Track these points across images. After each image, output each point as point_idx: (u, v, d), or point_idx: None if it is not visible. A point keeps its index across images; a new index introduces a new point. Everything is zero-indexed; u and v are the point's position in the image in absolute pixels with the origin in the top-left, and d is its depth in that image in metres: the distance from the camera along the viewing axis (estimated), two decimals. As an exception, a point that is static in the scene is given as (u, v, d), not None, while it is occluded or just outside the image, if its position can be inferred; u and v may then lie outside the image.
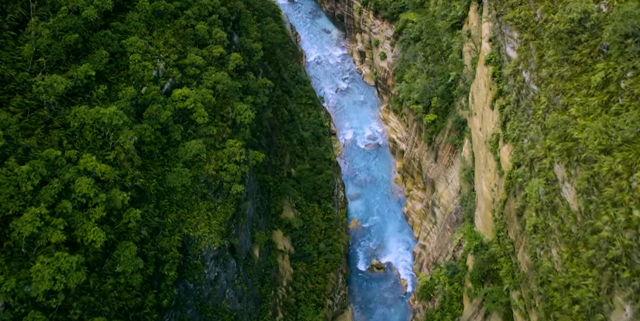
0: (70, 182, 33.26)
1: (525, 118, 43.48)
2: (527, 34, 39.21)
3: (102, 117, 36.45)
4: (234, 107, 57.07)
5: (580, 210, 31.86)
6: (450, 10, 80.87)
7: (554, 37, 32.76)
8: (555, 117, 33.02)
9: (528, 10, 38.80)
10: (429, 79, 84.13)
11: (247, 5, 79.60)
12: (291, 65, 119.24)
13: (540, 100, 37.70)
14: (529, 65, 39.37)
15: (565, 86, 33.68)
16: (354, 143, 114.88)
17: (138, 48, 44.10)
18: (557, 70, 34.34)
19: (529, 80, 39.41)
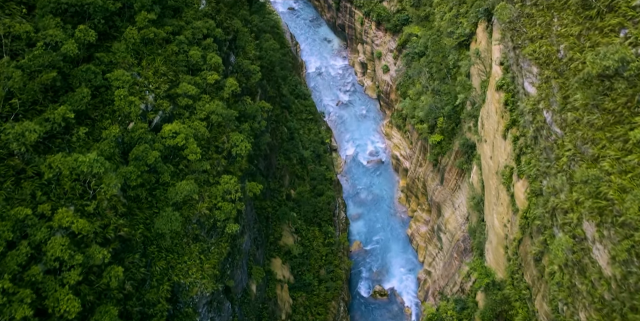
0: (43, 242, 29.71)
1: (545, 159, 39.95)
2: (548, 71, 35.69)
3: (80, 165, 32.90)
4: (229, 137, 53.53)
5: (615, 278, 28.31)
6: (457, 27, 77.40)
7: (584, 83, 29.26)
8: (586, 171, 29.46)
9: (550, 46, 35.29)
10: (435, 97, 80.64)
11: (245, 22, 76.12)
12: (291, 78, 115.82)
13: (564, 146, 34.18)
14: (551, 105, 35.85)
15: (596, 135, 30.17)
16: (355, 159, 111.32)
17: (124, 82, 40.57)
18: (586, 116, 30.80)
19: (551, 122, 35.89)
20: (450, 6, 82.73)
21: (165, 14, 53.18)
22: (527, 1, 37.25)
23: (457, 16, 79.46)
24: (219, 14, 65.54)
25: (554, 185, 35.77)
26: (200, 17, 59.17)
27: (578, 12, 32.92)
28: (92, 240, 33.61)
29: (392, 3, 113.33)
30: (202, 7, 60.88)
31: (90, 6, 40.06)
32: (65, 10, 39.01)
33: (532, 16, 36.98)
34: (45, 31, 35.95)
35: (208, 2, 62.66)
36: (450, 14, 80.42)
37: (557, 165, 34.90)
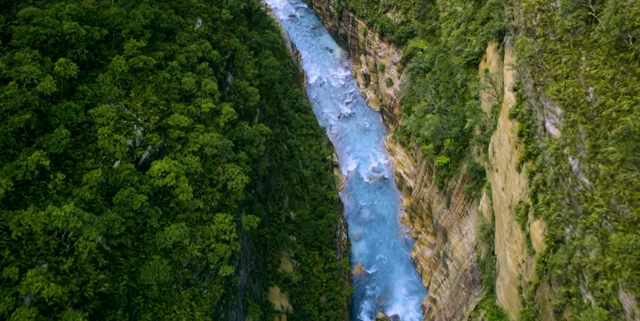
0: (7, 314, 26.23)
1: (567, 205, 36.44)
2: (575, 115, 32.21)
3: (55, 220, 29.44)
4: (224, 168, 50.07)
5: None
6: (465, 45, 73.92)
7: (622, 139, 25.79)
8: (624, 237, 25.98)
9: (577, 87, 31.81)
10: (442, 117, 77.14)
11: (244, 38, 72.73)
12: (291, 91, 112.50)
13: (594, 200, 30.68)
14: (578, 152, 32.37)
15: (635, 195, 26.69)
16: (357, 175, 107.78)
17: (109, 118, 37.11)
18: (623, 173, 27.33)
19: (578, 171, 32.40)
20: (458, 22, 79.28)
21: (158, 36, 49.81)
22: (550, 35, 33.87)
23: (465, 33, 76.02)
24: (216, 33, 62.20)
25: (581, 241, 32.25)
26: (195, 39, 55.82)
27: (611, 53, 29.47)
28: (67, 302, 30.13)
29: (397, 14, 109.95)
30: (197, 27, 57.52)
31: (73, 36, 36.60)
32: (44, 41, 35.55)
33: (556, 53, 33.56)
34: (19, 67, 32.50)
35: (204, 22, 59.30)
36: (458, 31, 76.96)
37: (586, 220, 31.38)
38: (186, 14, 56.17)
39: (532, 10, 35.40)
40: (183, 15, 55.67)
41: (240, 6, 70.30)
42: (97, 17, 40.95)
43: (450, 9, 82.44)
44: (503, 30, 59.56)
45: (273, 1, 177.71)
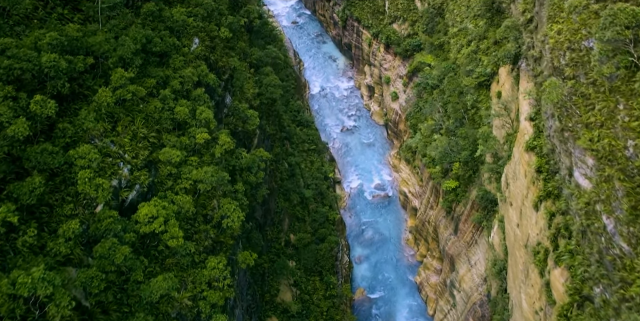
0: None
1: (597, 262, 32.83)
2: (610, 169, 28.60)
3: (20, 288, 25.93)
4: (220, 202, 46.56)
5: None
6: (476, 65, 70.32)
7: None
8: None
9: (614, 139, 28.21)
10: (450, 139, 73.54)
11: (244, 55, 69.18)
12: (293, 103, 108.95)
13: (635, 268, 27.11)
14: (614, 212, 28.76)
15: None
16: (360, 192, 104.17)
17: (91, 160, 33.55)
18: (672, 248, 23.76)
19: (614, 232, 28.79)
20: (469, 39, 75.68)
21: (150, 61, 46.29)
22: (581, 77, 30.32)
23: (476, 52, 72.42)
24: (214, 52, 58.69)
25: (617, 312, 28.64)
26: (191, 60, 52.29)
27: (656, 105, 25.88)
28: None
29: (403, 26, 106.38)
30: (194, 48, 54.00)
31: (52, 69, 33.08)
32: (18, 76, 32.05)
33: (589, 97, 30.00)
34: (-13, 108, 29.00)
35: (201, 41, 55.78)
36: (468, 49, 73.35)
37: (624, 291, 27.75)
38: (182, 34, 52.65)
39: (560, 47, 31.87)
40: (179, 35, 52.13)
41: (240, 22, 66.72)
42: (82, 45, 37.43)
43: (460, 25, 78.88)
44: (518, 54, 55.98)
45: (276, 7, 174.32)
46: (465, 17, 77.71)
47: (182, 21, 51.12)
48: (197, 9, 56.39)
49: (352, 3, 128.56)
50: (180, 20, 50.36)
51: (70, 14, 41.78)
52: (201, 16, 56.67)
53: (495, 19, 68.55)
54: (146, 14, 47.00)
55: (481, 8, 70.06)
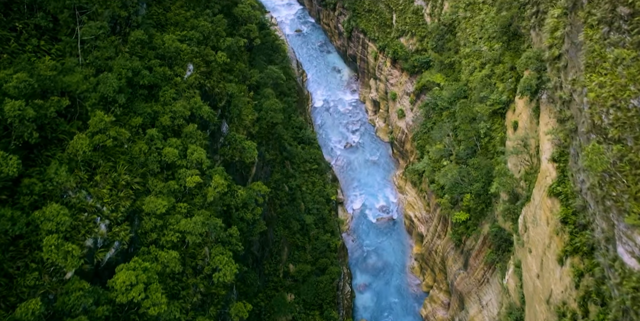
0: None
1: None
2: (667, 255, 24.16)
3: None
4: (211, 250, 42.22)
5: None
6: (490, 91, 65.91)
7: None
8: None
9: (673, 221, 23.78)
10: (461, 168, 69.07)
11: (243, 78, 64.88)
12: (295, 119, 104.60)
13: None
14: (669, 305, 24.38)
15: None
16: (363, 214, 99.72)
17: (59, 223, 29.21)
18: None
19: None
20: (482, 62, 71.28)
21: (137, 94, 42.01)
22: (629, 141, 26.00)
23: (491, 76, 68.00)
24: (210, 78, 54.41)
25: None
26: (184, 90, 48.00)
27: None
28: None
29: (411, 41, 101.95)
30: (187, 76, 49.72)
31: (16, 119, 28.79)
32: (-24, 128, 27.77)
33: (639, 166, 25.66)
34: None
35: (196, 68, 51.49)
36: (482, 73, 68.90)
37: None
38: (175, 61, 48.37)
39: (603, 104, 27.50)
40: (171, 63, 47.89)
41: (240, 42, 62.47)
42: (57, 86, 33.15)
43: (474, 46, 74.43)
44: (539, 85, 51.46)
45: (279, 14, 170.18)
46: (478, 38, 73.29)
47: (175, 48, 46.80)
48: (192, 33, 52.15)
49: (358, 14, 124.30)
50: (172, 47, 46.04)
51: (47, 45, 37.49)
52: (196, 40, 52.44)
53: (512, 43, 64.17)
54: (134, 43, 42.68)
55: (497, 30, 65.63)
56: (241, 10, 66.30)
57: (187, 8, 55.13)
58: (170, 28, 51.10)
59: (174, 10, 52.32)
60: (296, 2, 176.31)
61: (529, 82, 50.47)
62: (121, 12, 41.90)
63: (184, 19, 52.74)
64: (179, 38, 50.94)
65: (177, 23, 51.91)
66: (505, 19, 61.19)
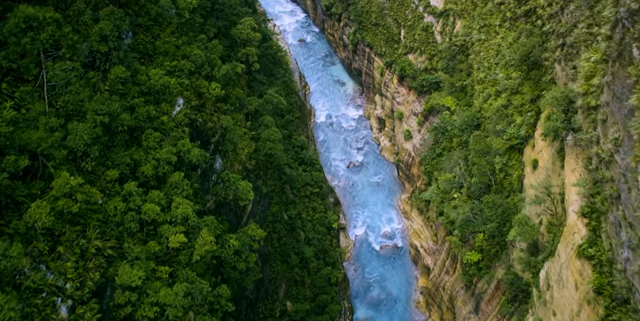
0: None
1: None
2: None
3: None
4: (194, 318, 37.28)
5: None
6: (507, 124, 60.87)
7: None
8: None
9: None
10: (474, 203, 63.99)
11: (240, 106, 59.99)
12: (296, 137, 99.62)
13: None
14: None
15: None
16: (366, 241, 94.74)
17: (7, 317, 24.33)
18: None
19: None
20: (498, 90, 66.23)
21: (116, 141, 37.11)
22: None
23: (507, 107, 62.99)
24: (203, 111, 49.54)
25: None
26: (172, 129, 43.10)
27: None
28: None
29: (420, 59, 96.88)
30: (176, 113, 44.81)
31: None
32: None
33: None
34: None
35: (186, 102, 46.61)
36: (498, 103, 63.90)
37: None
38: (162, 96, 43.46)
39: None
40: (158, 99, 42.99)
41: (237, 69, 57.61)
42: (14, 143, 28.28)
43: (488, 71, 69.38)
44: (570, 123, 46.22)
45: (282, 22, 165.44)
46: (494, 63, 68.22)
47: (163, 84, 41.89)
48: (183, 63, 47.27)
49: (364, 27, 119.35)
50: (159, 83, 41.13)
51: (10, 88, 32.58)
52: (188, 71, 47.57)
53: (532, 73, 59.09)
54: (114, 81, 37.81)
55: (515, 58, 60.58)
56: (239, 32, 61.39)
57: (179, 34, 50.27)
58: (158, 58, 46.23)
59: (163, 38, 47.43)
60: (300, 10, 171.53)
61: (554, 125, 45.40)
62: (100, 46, 37.04)
63: (174, 48, 47.87)
64: (168, 69, 46.14)
65: (167, 52, 47.03)
66: (526, 48, 56.14)
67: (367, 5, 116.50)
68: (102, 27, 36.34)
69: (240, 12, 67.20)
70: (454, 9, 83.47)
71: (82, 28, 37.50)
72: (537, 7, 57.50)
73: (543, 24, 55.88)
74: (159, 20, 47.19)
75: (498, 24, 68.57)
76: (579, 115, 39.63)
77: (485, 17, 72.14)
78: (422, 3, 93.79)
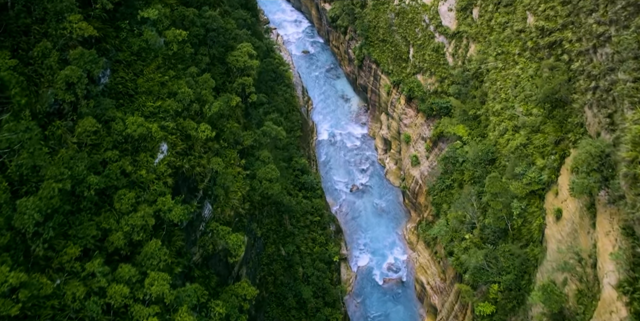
0: None
1: None
2: None
3: None
4: None
5: None
6: (527, 166, 55.39)
7: None
8: None
9: None
10: (488, 250, 58.54)
11: (234, 141, 54.69)
12: (297, 160, 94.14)
13: None
14: None
15: None
16: (369, 274, 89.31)
17: None
18: None
19: None
20: (516, 125, 60.71)
21: (80, 208, 31.81)
22: None
23: (526, 145, 57.54)
24: (190, 155, 44.25)
25: None
26: (152, 181, 37.83)
27: None
28: None
29: (430, 80, 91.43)
30: (158, 161, 39.57)
31: None
32: None
33: None
34: None
35: (171, 147, 41.36)
36: (517, 141, 58.40)
37: None
38: (143, 143, 38.23)
39: None
40: (137, 148, 37.77)
41: (232, 102, 52.33)
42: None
43: (506, 104, 63.90)
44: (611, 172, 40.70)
45: (286, 32, 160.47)
46: (512, 96, 62.73)
47: (142, 132, 36.63)
48: (169, 103, 41.99)
49: (370, 42, 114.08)
50: (137, 133, 35.88)
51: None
52: (174, 112, 42.33)
53: (556, 112, 53.65)
54: (82, 135, 32.56)
55: (537, 94, 55.14)
56: (235, 60, 56.10)
57: (167, 68, 45.00)
58: (140, 98, 40.98)
59: (147, 75, 42.17)
60: (305, 19, 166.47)
61: (586, 184, 39.87)
62: (66, 95, 31.81)
63: (159, 86, 42.60)
64: (152, 110, 40.94)
65: (150, 91, 41.77)
66: (550, 86, 50.69)
67: (375, 20, 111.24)
68: (68, 74, 31.08)
69: (238, 36, 61.95)
70: (467, 32, 78.04)
71: (47, 73, 32.30)
72: (563, 40, 52.04)
73: (570, 60, 50.47)
74: (142, 55, 41.95)
75: (517, 53, 63.07)
76: (622, 182, 34.19)
77: (503, 44, 66.67)
78: (434, 22, 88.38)
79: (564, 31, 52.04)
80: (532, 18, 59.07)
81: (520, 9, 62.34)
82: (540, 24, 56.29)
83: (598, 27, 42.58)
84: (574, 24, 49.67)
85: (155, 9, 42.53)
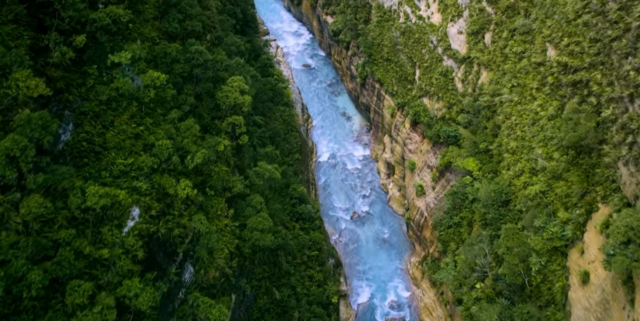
0: None
1: None
2: None
3: None
4: None
5: None
6: (549, 219, 49.73)
7: None
8: None
9: None
10: (503, 307, 52.89)
11: (222, 188, 49.15)
12: (295, 188, 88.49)
13: None
14: None
15: None
16: (370, 312, 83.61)
17: None
18: None
19: None
20: (534, 168, 55.06)
21: (22, 307, 26.26)
22: None
23: (546, 193, 51.90)
24: (168, 215, 38.74)
25: None
26: (118, 257, 32.30)
27: None
28: None
29: (437, 105, 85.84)
30: (127, 230, 34.04)
31: None
32: None
33: None
34: None
35: (144, 211, 35.80)
36: (535, 188, 52.70)
37: None
38: (107, 213, 32.70)
39: None
40: (100, 219, 32.26)
41: (219, 147, 46.76)
42: None
43: (523, 142, 58.27)
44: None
45: (286, 44, 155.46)
46: (530, 135, 57.07)
47: (106, 203, 31.11)
48: (142, 159, 36.51)
49: (374, 60, 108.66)
50: (98, 206, 30.36)
51: None
52: (149, 169, 36.83)
53: (582, 159, 48.00)
54: (27, 216, 27.05)
55: (559, 138, 49.53)
56: (225, 97, 50.60)
57: (143, 115, 39.54)
58: (110, 155, 35.50)
59: (118, 126, 36.72)
60: (306, 31, 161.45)
61: (627, 264, 34.25)
62: (7, 171, 26.33)
63: (132, 138, 37.12)
64: (122, 168, 35.48)
65: (121, 147, 36.28)
66: (576, 134, 45.08)
67: (379, 38, 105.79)
68: (8, 147, 25.61)
69: (229, 67, 56.49)
70: (479, 58, 72.40)
71: (-14, 141, 26.78)
72: (590, 80, 46.40)
73: (599, 104, 44.86)
74: (112, 104, 36.49)
75: (535, 87, 57.46)
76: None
77: (519, 76, 61.08)
78: (442, 44, 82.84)
79: (591, 71, 46.42)
80: (554, 51, 53.48)
81: (540, 39, 56.75)
82: (563, 60, 50.70)
83: (637, 75, 36.97)
84: (604, 64, 44.06)
85: (129, 51, 37.08)
